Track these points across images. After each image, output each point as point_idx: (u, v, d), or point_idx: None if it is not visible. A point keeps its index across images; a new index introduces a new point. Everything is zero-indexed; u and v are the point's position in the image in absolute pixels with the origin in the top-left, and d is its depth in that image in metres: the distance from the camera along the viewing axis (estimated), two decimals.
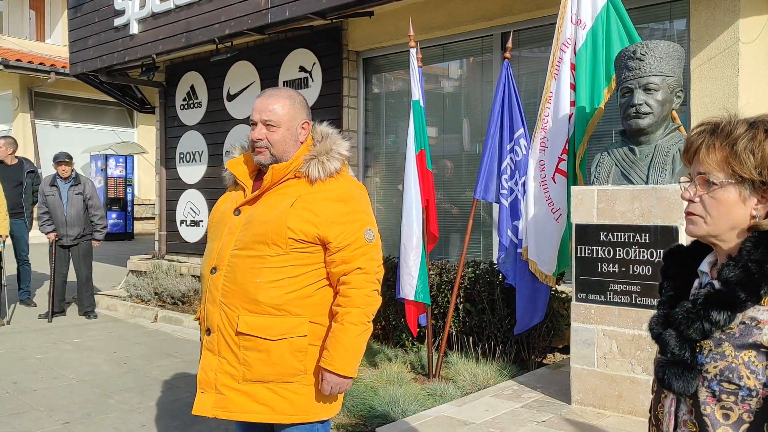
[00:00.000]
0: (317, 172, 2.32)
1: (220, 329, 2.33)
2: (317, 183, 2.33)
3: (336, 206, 2.31)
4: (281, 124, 2.35)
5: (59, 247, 7.67)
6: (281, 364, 2.28)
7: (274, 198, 2.33)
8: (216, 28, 7.19)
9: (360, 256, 2.30)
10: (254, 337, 2.28)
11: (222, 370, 2.33)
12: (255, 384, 2.30)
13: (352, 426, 4.04)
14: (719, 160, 1.34)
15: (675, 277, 1.49)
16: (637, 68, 3.89)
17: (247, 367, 2.30)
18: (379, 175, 7.41)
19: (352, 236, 2.30)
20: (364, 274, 2.30)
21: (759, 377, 1.26)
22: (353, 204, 2.35)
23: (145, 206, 17.23)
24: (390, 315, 5.74)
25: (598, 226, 3.94)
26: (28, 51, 16.07)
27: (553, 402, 4.09)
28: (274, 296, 2.27)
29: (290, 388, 2.31)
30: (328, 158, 2.35)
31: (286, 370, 2.29)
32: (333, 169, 2.35)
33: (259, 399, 2.30)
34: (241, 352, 2.30)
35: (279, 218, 2.27)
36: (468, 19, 6.24)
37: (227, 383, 2.32)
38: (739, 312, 1.30)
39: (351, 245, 2.29)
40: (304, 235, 2.27)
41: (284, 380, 2.30)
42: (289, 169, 2.34)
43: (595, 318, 3.95)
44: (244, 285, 2.29)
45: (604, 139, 5.30)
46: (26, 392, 4.96)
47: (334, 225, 2.28)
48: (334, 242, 2.28)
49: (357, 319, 2.28)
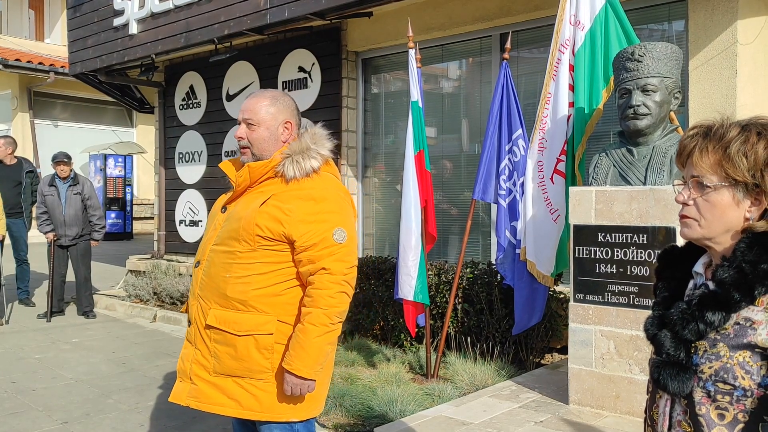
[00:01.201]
0: (292, 171, 2.32)
1: (196, 321, 2.40)
2: (293, 182, 2.32)
3: (306, 205, 2.29)
4: (261, 123, 2.39)
5: (58, 247, 7.67)
6: (247, 360, 2.30)
7: (252, 196, 2.37)
8: (215, 28, 7.19)
9: (327, 257, 2.26)
10: (222, 331, 2.32)
11: (196, 360, 2.38)
12: (225, 377, 2.34)
13: (350, 426, 4.05)
14: (712, 163, 1.35)
15: (670, 278, 1.49)
16: (635, 69, 3.90)
17: (217, 360, 2.34)
18: (378, 175, 7.42)
19: (318, 236, 2.27)
20: (329, 275, 2.26)
21: (754, 377, 1.27)
22: (325, 203, 2.32)
23: (144, 206, 17.23)
24: (389, 315, 5.75)
25: (596, 226, 3.95)
26: (28, 51, 16.06)
27: (551, 402, 4.10)
28: (241, 291, 2.30)
29: (257, 385, 2.32)
30: (304, 157, 2.34)
31: (252, 366, 2.31)
32: (309, 167, 2.33)
33: (228, 392, 2.33)
34: (212, 345, 2.35)
35: (250, 215, 2.30)
36: (467, 19, 6.25)
37: (200, 374, 2.37)
38: (733, 312, 1.31)
39: (317, 245, 2.27)
40: (270, 232, 2.28)
41: (251, 376, 2.32)
42: (267, 168, 2.36)
43: (593, 318, 3.96)
44: (216, 279, 2.34)
45: (602, 140, 5.31)
46: (25, 392, 4.97)
47: (301, 223, 2.27)
48: (299, 241, 2.27)
49: (318, 320, 2.24)
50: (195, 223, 8.96)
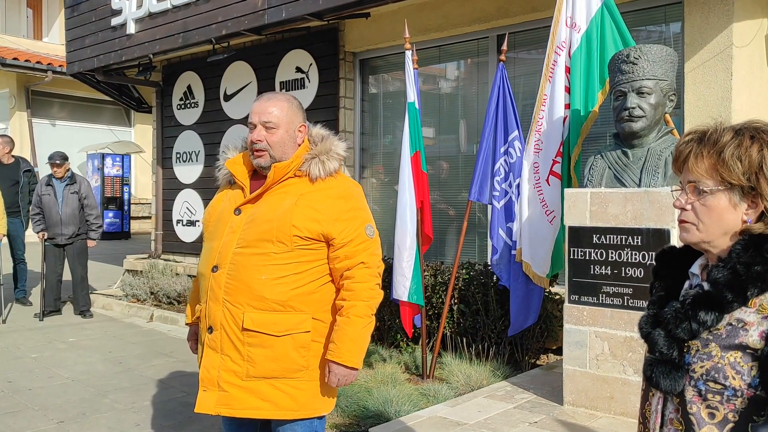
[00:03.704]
0: (318, 170, 2.39)
1: (223, 327, 2.36)
2: (317, 182, 2.40)
3: (338, 203, 2.38)
4: (280, 126, 2.41)
5: (54, 246, 7.65)
6: (284, 360, 2.33)
7: (275, 196, 2.39)
8: (213, 28, 7.20)
9: (362, 251, 2.38)
10: (259, 333, 2.32)
11: (225, 367, 2.36)
12: (258, 380, 2.34)
13: (345, 426, 4.06)
14: (708, 167, 1.37)
15: (666, 278, 1.51)
16: (631, 72, 3.92)
17: (251, 364, 2.34)
18: (376, 176, 7.43)
19: (354, 232, 2.38)
20: (367, 269, 2.38)
21: (744, 378, 1.28)
22: (353, 201, 2.43)
23: (141, 205, 17.22)
24: (385, 316, 5.76)
25: (591, 228, 3.96)
26: (25, 50, 16.04)
27: (546, 403, 4.11)
28: (280, 292, 2.32)
29: (293, 384, 2.36)
30: (328, 158, 2.43)
31: (289, 366, 2.34)
32: (332, 168, 2.43)
33: (262, 395, 2.35)
34: (245, 349, 2.34)
35: (283, 216, 2.32)
36: (464, 21, 6.27)
37: (230, 380, 2.35)
38: (726, 313, 1.32)
39: (353, 241, 2.37)
40: (309, 232, 2.33)
41: (287, 376, 2.35)
42: (290, 168, 2.40)
43: (588, 320, 3.97)
44: (248, 282, 2.32)
45: (598, 142, 5.33)
46: (21, 391, 4.97)
47: (337, 222, 2.35)
48: (338, 238, 2.35)
49: (362, 311, 2.35)
50: (192, 222, 8.97)
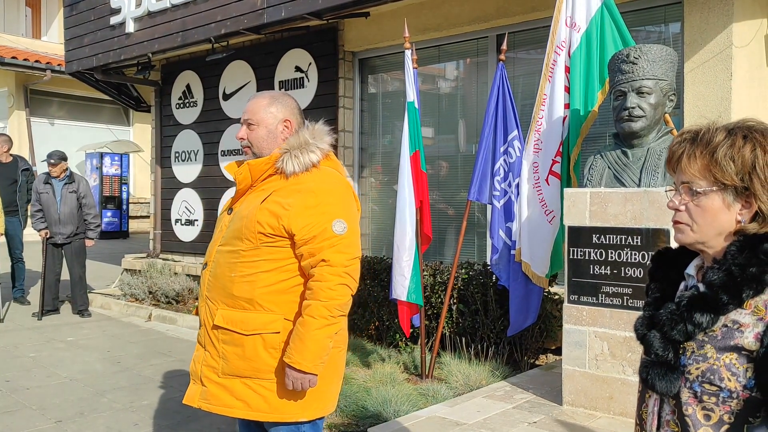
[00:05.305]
0: (291, 165, 2.31)
1: (204, 323, 2.41)
2: (293, 177, 2.32)
3: (304, 198, 2.28)
4: (260, 122, 2.42)
5: (52, 246, 7.65)
6: (255, 360, 2.29)
7: (255, 195, 2.38)
8: (212, 27, 7.20)
9: (327, 248, 2.24)
10: (229, 331, 2.32)
11: (206, 362, 2.39)
12: (233, 378, 2.33)
13: (344, 426, 4.05)
14: (701, 168, 1.36)
15: (662, 279, 1.50)
16: (631, 72, 3.91)
17: (225, 361, 2.34)
18: (375, 175, 7.42)
19: (318, 228, 2.25)
20: (329, 267, 2.23)
21: (740, 379, 1.28)
22: (323, 195, 2.30)
23: (140, 205, 17.21)
24: (384, 315, 5.75)
25: (591, 228, 3.96)
26: (24, 48, 16.03)
27: (545, 403, 4.11)
28: (246, 290, 2.30)
29: (265, 385, 2.31)
30: (302, 151, 2.33)
31: (260, 366, 2.30)
32: (308, 162, 2.33)
33: (236, 394, 2.33)
34: (220, 346, 2.35)
35: (251, 213, 2.32)
36: (463, 20, 6.26)
37: (209, 376, 2.37)
38: (721, 315, 1.32)
39: (317, 237, 2.25)
40: (271, 228, 2.27)
41: (259, 376, 2.31)
42: (267, 165, 2.37)
43: (587, 320, 3.97)
44: (222, 279, 2.35)
45: (598, 142, 5.33)
46: (19, 390, 4.96)
47: (300, 217, 2.25)
48: (299, 234, 2.26)
49: (317, 312, 2.22)
50: (191, 222, 8.96)
